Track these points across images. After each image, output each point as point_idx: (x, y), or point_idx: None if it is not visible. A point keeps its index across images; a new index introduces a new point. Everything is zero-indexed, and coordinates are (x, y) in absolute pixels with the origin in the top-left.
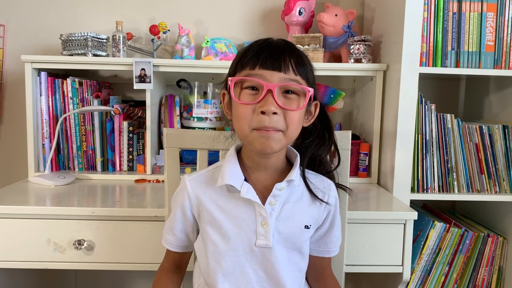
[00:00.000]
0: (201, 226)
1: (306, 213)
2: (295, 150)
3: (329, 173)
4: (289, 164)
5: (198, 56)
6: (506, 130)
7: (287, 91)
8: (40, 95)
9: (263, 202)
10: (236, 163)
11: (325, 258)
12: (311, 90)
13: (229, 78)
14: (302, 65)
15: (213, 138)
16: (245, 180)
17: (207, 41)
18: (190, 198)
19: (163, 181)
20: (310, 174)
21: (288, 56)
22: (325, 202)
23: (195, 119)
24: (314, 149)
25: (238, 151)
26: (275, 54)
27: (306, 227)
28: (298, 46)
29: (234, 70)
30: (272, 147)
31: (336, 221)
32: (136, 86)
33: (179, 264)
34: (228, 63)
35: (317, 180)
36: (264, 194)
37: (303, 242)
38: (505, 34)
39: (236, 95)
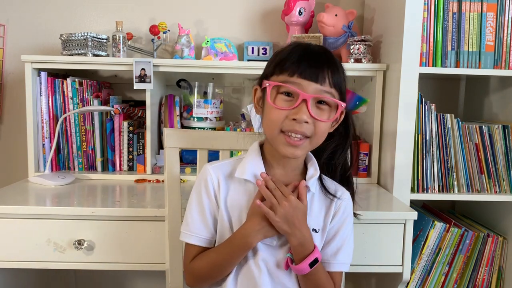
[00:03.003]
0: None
1: (315, 217)
2: (311, 155)
3: (346, 180)
4: (305, 166)
5: (198, 56)
6: (506, 130)
7: (320, 101)
8: (40, 95)
9: None
10: (258, 157)
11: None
12: (344, 104)
13: (267, 82)
14: (338, 77)
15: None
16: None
17: (207, 41)
18: (213, 182)
19: (163, 181)
20: (327, 180)
21: (327, 68)
22: (336, 197)
23: (195, 119)
24: (330, 152)
25: (261, 146)
26: (314, 64)
27: (314, 230)
28: None
29: (272, 71)
30: (296, 154)
31: (342, 232)
32: (136, 86)
33: None
34: (228, 63)
35: (333, 185)
36: None
37: None
38: (505, 34)
39: (272, 98)
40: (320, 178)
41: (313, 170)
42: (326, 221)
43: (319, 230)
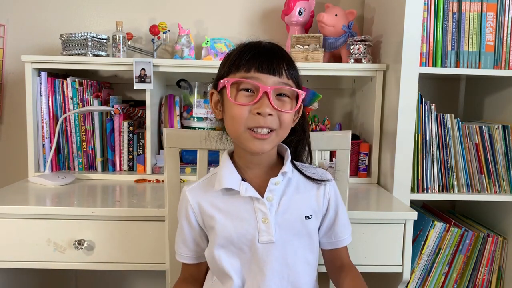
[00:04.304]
0: (207, 232)
1: (304, 204)
2: (284, 145)
3: None
4: (280, 159)
5: (198, 56)
6: (506, 130)
7: (280, 94)
8: (40, 95)
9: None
10: (231, 165)
11: (340, 249)
12: (303, 93)
13: (226, 80)
14: (293, 69)
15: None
16: (242, 179)
17: (207, 41)
18: (192, 207)
19: (163, 181)
20: (302, 165)
21: (282, 60)
22: (323, 181)
23: (195, 119)
24: (294, 147)
25: (231, 154)
26: (269, 58)
27: (307, 217)
28: (298, 46)
29: (228, 71)
30: (264, 149)
31: (340, 207)
32: (136, 86)
33: (196, 276)
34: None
35: (311, 169)
36: (260, 190)
37: (307, 233)
38: (505, 34)
39: (232, 96)
40: (297, 168)
41: (288, 162)
42: (318, 205)
43: (311, 216)
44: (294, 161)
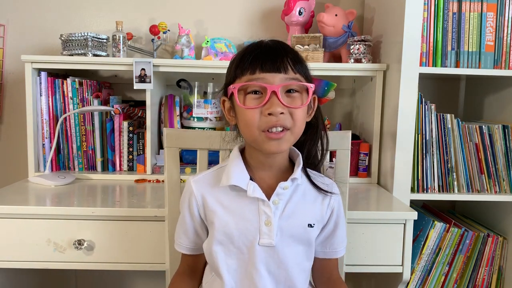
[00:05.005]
0: (208, 226)
1: (309, 212)
2: (296, 150)
3: (316, 167)
4: (291, 163)
5: (198, 56)
6: (506, 130)
7: (289, 90)
8: (40, 95)
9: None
10: (241, 163)
11: (332, 260)
12: (313, 86)
13: (232, 86)
14: (299, 63)
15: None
16: (251, 179)
17: (207, 41)
18: (196, 199)
19: (163, 181)
20: (311, 172)
21: (285, 56)
22: (330, 192)
23: (195, 119)
24: (308, 145)
25: (241, 151)
26: (272, 56)
27: (310, 225)
28: (298, 46)
29: (234, 76)
30: (282, 148)
31: (341, 220)
32: (136, 86)
33: (194, 268)
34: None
35: (320, 178)
36: (268, 193)
37: (307, 241)
38: (505, 34)
39: (241, 101)
40: (307, 174)
41: (299, 168)
42: (321, 214)
43: (314, 224)
44: (306, 168)
